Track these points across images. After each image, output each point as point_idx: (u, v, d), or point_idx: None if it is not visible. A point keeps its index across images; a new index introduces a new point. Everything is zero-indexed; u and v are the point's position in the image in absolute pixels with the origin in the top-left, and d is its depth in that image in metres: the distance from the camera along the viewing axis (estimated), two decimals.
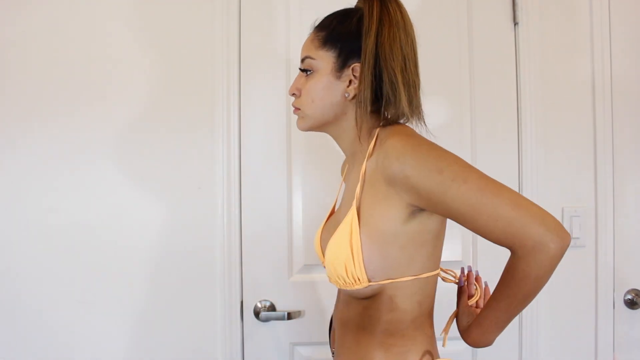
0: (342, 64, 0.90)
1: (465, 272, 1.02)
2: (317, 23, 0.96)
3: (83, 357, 1.45)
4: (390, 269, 0.86)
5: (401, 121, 0.91)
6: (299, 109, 0.95)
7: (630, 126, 1.55)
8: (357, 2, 0.95)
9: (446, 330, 0.99)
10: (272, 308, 1.47)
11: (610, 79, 1.54)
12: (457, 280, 1.01)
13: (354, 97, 0.91)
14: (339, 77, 0.91)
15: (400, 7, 0.91)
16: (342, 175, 1.16)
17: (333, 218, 1.04)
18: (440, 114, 1.52)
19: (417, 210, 0.84)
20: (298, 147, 1.50)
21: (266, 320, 1.47)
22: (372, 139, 0.90)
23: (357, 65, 0.89)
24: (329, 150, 1.49)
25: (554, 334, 1.53)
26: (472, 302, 0.99)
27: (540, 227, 0.74)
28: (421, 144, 0.83)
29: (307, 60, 0.93)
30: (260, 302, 1.48)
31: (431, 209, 0.82)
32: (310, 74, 0.93)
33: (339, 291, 1.01)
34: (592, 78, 1.54)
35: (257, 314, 1.47)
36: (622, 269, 1.53)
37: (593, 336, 1.53)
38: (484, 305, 0.92)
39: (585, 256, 1.53)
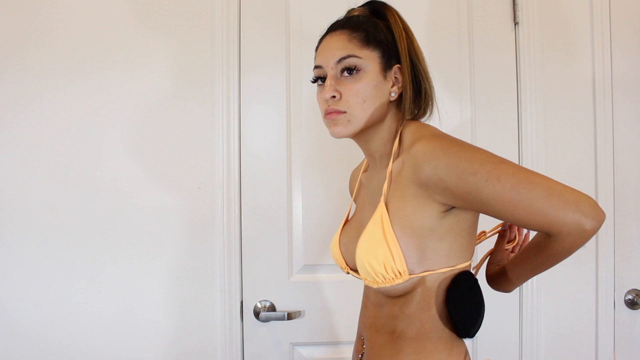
0: (386, 65, 0.91)
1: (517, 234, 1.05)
2: (335, 25, 0.94)
3: (83, 357, 1.45)
4: (430, 260, 0.86)
5: (420, 118, 0.96)
6: (343, 112, 0.89)
7: (630, 126, 1.55)
8: (359, 11, 0.96)
9: (478, 266, 1.04)
10: (272, 308, 1.47)
11: (611, 78, 1.54)
12: (501, 228, 1.04)
13: (395, 98, 0.92)
14: (384, 77, 0.91)
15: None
16: (354, 183, 1.15)
17: (352, 222, 1.04)
18: (440, 114, 1.52)
19: (450, 207, 0.85)
20: (298, 147, 1.50)
21: (266, 320, 1.46)
22: (395, 139, 0.93)
23: (398, 67, 0.92)
24: (329, 150, 1.49)
25: (554, 334, 1.53)
26: (509, 246, 1.03)
27: (575, 214, 0.77)
28: (450, 146, 0.83)
29: (352, 59, 0.89)
30: (260, 302, 1.48)
31: (467, 207, 0.84)
32: (355, 73, 0.89)
33: (367, 295, 0.99)
34: (592, 78, 1.54)
35: (257, 314, 1.47)
36: (622, 269, 1.53)
37: (593, 336, 1.53)
38: (512, 258, 0.96)
39: (585, 256, 1.53)
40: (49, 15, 1.46)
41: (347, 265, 1.02)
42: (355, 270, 0.99)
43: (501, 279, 0.98)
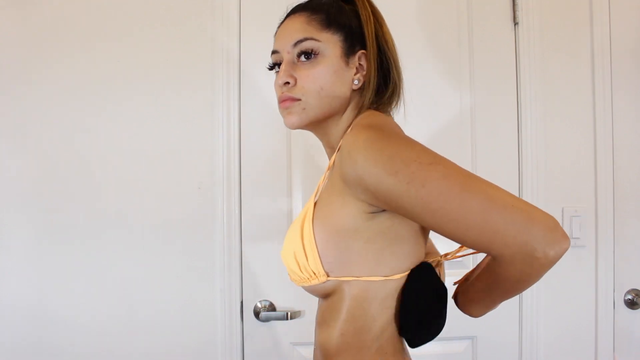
0: (349, 50, 0.82)
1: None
2: (296, 7, 0.86)
3: (83, 357, 1.45)
4: (354, 265, 0.76)
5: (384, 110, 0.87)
6: (298, 100, 0.81)
7: (630, 126, 1.55)
8: None
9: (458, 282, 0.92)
10: (272, 308, 1.47)
11: (610, 78, 1.54)
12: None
13: (359, 87, 0.84)
14: (347, 64, 0.82)
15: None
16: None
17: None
18: (440, 114, 1.52)
19: (378, 210, 0.75)
20: (298, 146, 1.50)
21: (266, 320, 1.47)
22: (349, 128, 0.83)
23: (363, 52, 0.83)
24: None
25: (554, 334, 1.53)
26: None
27: (522, 235, 0.63)
28: (377, 138, 0.72)
29: (309, 42, 0.80)
30: (260, 302, 1.48)
31: (393, 211, 0.73)
32: (313, 58, 0.81)
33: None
34: (592, 77, 1.54)
35: (257, 314, 1.47)
36: (622, 269, 1.53)
37: (593, 336, 1.53)
38: (469, 283, 0.84)
39: (585, 256, 1.53)
40: (47, 14, 1.46)
41: None
42: None
43: (464, 299, 0.86)
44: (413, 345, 0.81)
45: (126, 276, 1.46)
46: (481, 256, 1.27)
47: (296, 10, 0.86)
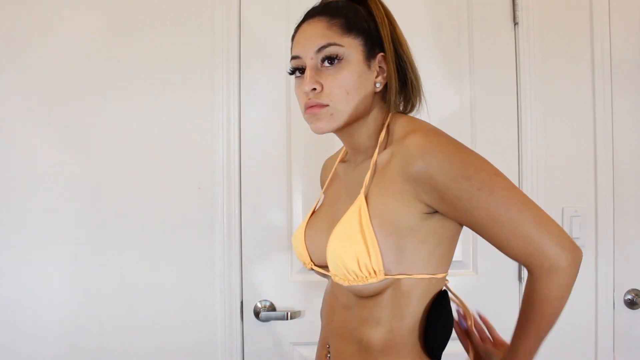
0: (369, 53, 0.84)
1: (476, 317, 0.98)
2: (312, 11, 0.87)
3: (82, 357, 1.45)
4: (407, 262, 0.79)
5: (409, 112, 0.90)
6: (326, 105, 0.82)
7: (630, 126, 1.55)
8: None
9: None
10: (272, 308, 1.47)
11: (610, 78, 1.54)
12: (460, 319, 0.97)
13: (380, 89, 0.86)
14: (368, 67, 0.84)
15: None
16: (327, 173, 1.09)
17: (320, 215, 0.96)
18: (440, 113, 1.52)
19: (433, 210, 0.79)
20: (298, 146, 1.50)
21: (266, 320, 1.47)
22: (382, 131, 0.86)
23: (382, 55, 0.85)
24: (328, 149, 1.49)
25: (554, 334, 1.53)
26: (470, 326, 0.97)
27: (557, 247, 0.74)
28: (448, 143, 0.77)
29: (333, 48, 0.81)
30: (260, 302, 1.48)
31: (450, 214, 0.78)
32: (337, 63, 0.81)
33: (335, 296, 0.91)
34: (592, 78, 1.54)
35: (257, 314, 1.47)
36: (622, 269, 1.53)
37: (593, 336, 1.53)
38: (512, 338, 0.87)
39: (586, 256, 1.51)
40: (43, 16, 1.46)
41: (311, 260, 0.94)
42: (320, 266, 0.92)
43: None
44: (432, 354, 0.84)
45: (126, 276, 1.46)
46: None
47: (314, 14, 0.86)
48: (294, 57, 0.86)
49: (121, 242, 1.46)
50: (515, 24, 1.54)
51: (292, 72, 0.87)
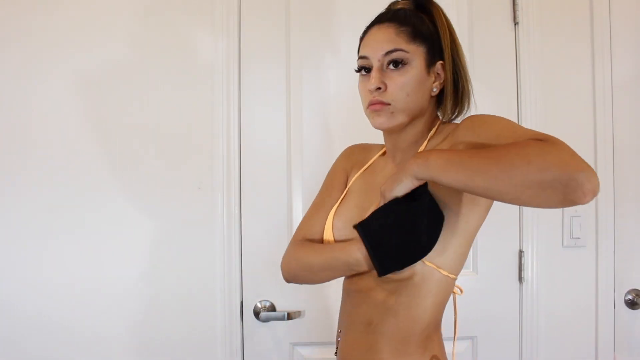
0: (431, 61, 0.92)
1: None
2: (382, 17, 0.94)
3: (82, 357, 1.45)
4: (445, 257, 0.87)
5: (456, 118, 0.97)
6: (387, 104, 0.90)
7: (630, 126, 1.55)
8: (399, 5, 0.97)
9: None
10: (272, 308, 1.47)
11: (611, 78, 1.54)
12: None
13: (436, 94, 0.94)
14: (428, 73, 0.92)
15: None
16: (357, 162, 1.08)
17: (348, 204, 0.99)
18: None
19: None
20: (298, 146, 1.50)
21: (266, 320, 1.47)
22: (431, 130, 0.95)
23: (441, 63, 0.93)
24: (328, 149, 1.49)
25: (554, 334, 1.53)
26: None
27: (586, 174, 0.65)
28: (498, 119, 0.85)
29: (400, 53, 0.89)
30: (260, 302, 1.48)
31: (474, 138, 0.82)
32: (401, 67, 0.89)
33: (355, 282, 0.94)
34: (593, 78, 1.54)
35: (257, 314, 1.47)
36: (622, 269, 1.53)
37: (593, 336, 1.53)
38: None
39: (586, 256, 1.53)
40: (47, 13, 1.46)
41: None
42: None
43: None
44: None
45: (126, 276, 1.46)
46: None
47: (384, 20, 0.93)
48: (362, 57, 0.93)
49: (121, 242, 1.46)
50: (515, 24, 1.54)
51: (359, 70, 0.94)
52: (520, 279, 1.52)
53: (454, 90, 0.94)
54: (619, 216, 1.53)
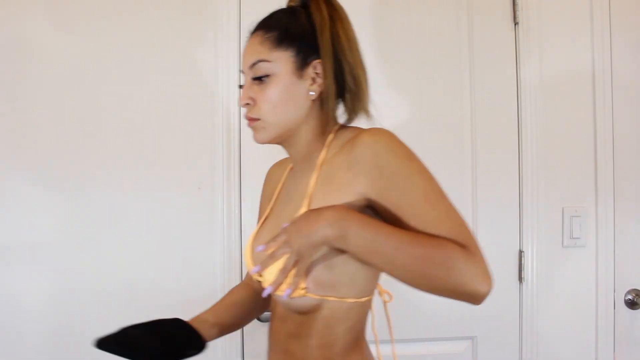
0: (302, 62, 0.84)
1: None
2: (254, 27, 0.89)
3: (82, 357, 1.45)
4: (336, 283, 0.79)
5: (354, 123, 0.88)
6: (258, 119, 0.85)
7: (630, 126, 1.55)
8: (290, 2, 0.91)
9: None
10: None
11: (611, 78, 1.54)
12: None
13: (317, 97, 0.85)
14: (300, 77, 0.84)
15: (341, 6, 0.87)
16: (274, 182, 1.08)
17: (267, 226, 0.95)
18: (440, 114, 1.52)
19: (367, 207, 0.77)
20: None
21: (266, 320, 1.46)
22: (327, 136, 0.86)
23: (318, 62, 0.84)
24: None
25: (554, 334, 1.53)
26: None
27: (476, 255, 0.70)
28: (396, 139, 0.77)
29: (261, 65, 0.84)
30: None
31: (384, 194, 0.74)
32: (265, 79, 0.84)
33: (274, 307, 0.92)
34: (592, 78, 1.54)
35: None
36: (622, 269, 1.53)
37: (593, 336, 1.53)
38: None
39: (585, 256, 1.53)
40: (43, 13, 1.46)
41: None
42: None
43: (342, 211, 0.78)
44: None
45: (125, 276, 1.46)
46: None
47: (256, 28, 0.88)
48: (242, 71, 0.89)
49: (121, 242, 1.45)
50: (516, 24, 1.54)
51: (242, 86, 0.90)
52: (520, 278, 1.52)
53: (338, 90, 0.84)
54: (619, 216, 1.53)
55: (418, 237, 0.70)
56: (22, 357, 1.42)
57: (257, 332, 1.48)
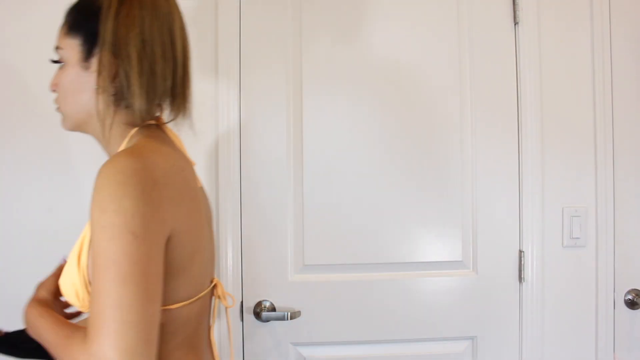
0: (88, 53, 0.77)
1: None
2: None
3: None
4: None
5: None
6: (58, 107, 0.83)
7: (630, 126, 1.55)
8: None
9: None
10: (272, 308, 1.47)
11: (611, 78, 1.54)
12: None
13: (106, 91, 0.77)
14: (87, 68, 0.77)
15: None
16: None
17: None
18: (440, 114, 1.52)
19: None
20: (298, 146, 1.50)
21: (266, 320, 1.47)
22: (123, 141, 0.79)
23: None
24: (328, 149, 1.49)
25: (555, 334, 1.53)
26: None
27: (110, 347, 0.60)
28: (119, 170, 0.66)
29: (57, 51, 0.80)
30: (260, 302, 1.48)
31: (93, 248, 0.67)
32: (61, 67, 0.80)
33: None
34: (593, 78, 1.54)
35: (257, 314, 1.47)
36: (622, 269, 1.53)
37: (593, 336, 1.53)
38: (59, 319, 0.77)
39: (585, 256, 1.53)
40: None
41: None
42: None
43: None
44: None
45: None
46: None
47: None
48: None
49: None
50: (516, 24, 1.54)
51: None
52: (520, 278, 1.52)
53: (114, 86, 0.76)
54: (619, 216, 1.53)
55: (60, 340, 0.69)
56: None
57: (257, 332, 1.48)
